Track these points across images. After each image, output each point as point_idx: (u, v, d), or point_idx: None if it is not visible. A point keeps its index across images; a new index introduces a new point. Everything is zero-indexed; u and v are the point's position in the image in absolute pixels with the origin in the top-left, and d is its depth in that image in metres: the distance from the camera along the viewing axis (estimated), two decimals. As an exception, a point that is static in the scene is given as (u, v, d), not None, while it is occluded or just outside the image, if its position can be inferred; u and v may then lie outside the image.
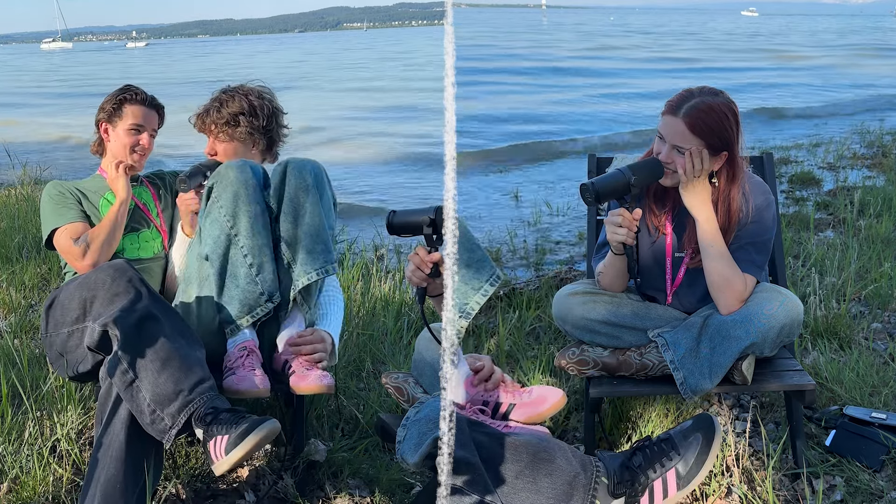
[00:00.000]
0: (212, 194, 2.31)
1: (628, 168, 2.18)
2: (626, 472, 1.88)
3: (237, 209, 2.26)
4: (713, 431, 1.91)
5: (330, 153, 10.97)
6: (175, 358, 1.96)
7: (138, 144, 2.67)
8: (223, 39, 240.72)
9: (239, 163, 2.32)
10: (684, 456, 1.89)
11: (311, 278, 2.29)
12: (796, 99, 15.97)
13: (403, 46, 50.67)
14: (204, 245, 2.30)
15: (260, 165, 2.40)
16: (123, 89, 2.71)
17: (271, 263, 2.28)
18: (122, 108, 2.66)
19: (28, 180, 7.09)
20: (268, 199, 2.33)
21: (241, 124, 2.60)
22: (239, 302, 2.25)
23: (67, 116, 17.23)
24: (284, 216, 2.31)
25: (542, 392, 2.08)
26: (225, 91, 2.68)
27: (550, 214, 6.54)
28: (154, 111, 2.71)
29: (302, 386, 2.13)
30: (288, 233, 2.30)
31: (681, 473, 1.88)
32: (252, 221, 2.26)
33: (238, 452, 1.84)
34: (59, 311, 2.18)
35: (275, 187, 2.33)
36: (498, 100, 16.63)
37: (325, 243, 2.32)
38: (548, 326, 3.45)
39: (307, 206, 2.30)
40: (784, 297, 2.20)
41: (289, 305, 2.32)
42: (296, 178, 2.31)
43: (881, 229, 4.65)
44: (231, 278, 2.26)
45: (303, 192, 2.30)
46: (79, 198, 2.63)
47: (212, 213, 2.29)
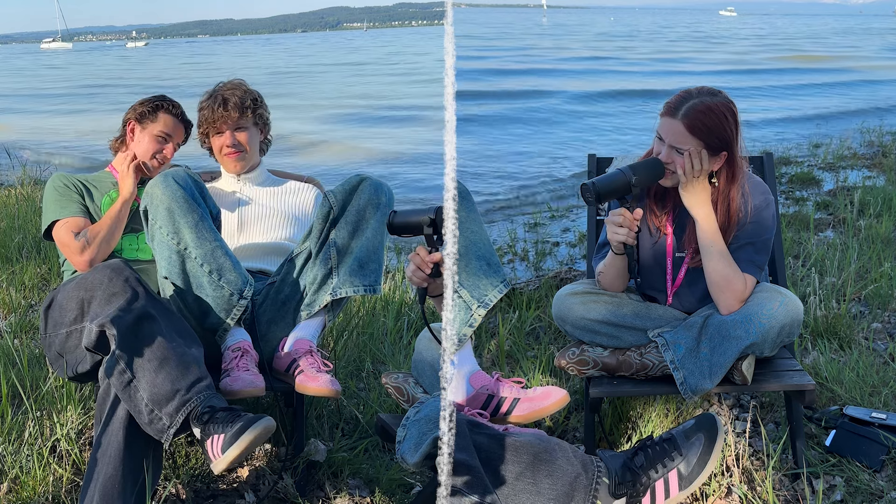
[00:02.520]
0: (148, 217, 2.28)
1: (629, 168, 2.18)
2: (628, 473, 1.87)
3: (177, 224, 2.23)
4: (716, 431, 1.90)
5: (329, 152, 10.98)
6: (172, 357, 1.96)
7: (161, 152, 2.72)
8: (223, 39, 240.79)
9: (160, 178, 2.27)
10: (686, 456, 1.88)
11: (357, 291, 2.28)
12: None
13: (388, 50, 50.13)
14: (161, 268, 2.27)
15: (182, 170, 2.35)
16: (162, 97, 2.79)
17: (229, 260, 2.25)
18: (156, 113, 2.72)
19: (28, 180, 7.09)
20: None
21: (253, 108, 2.73)
22: (214, 308, 2.23)
23: (67, 117, 17.23)
24: (345, 224, 2.29)
25: (545, 389, 2.08)
26: (215, 91, 2.74)
27: (550, 214, 6.54)
28: (183, 126, 2.79)
29: (310, 387, 2.11)
30: (343, 241, 2.29)
31: (683, 474, 1.87)
32: (196, 230, 2.23)
33: (234, 451, 1.84)
34: (58, 311, 2.18)
35: (343, 193, 2.30)
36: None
37: (378, 262, 2.32)
38: (548, 326, 3.45)
39: (372, 222, 2.30)
40: (784, 297, 2.20)
41: (313, 305, 2.31)
42: (370, 192, 2.30)
43: (881, 229, 4.65)
44: (198, 289, 2.24)
45: (372, 208, 2.30)
46: (82, 192, 2.65)
47: (155, 236, 2.26)
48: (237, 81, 2.79)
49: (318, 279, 2.30)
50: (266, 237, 2.72)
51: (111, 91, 24.65)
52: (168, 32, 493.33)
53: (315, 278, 2.31)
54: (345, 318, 3.42)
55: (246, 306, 2.26)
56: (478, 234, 2.18)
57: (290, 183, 2.89)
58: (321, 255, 2.31)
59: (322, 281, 2.30)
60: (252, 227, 2.73)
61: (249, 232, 2.73)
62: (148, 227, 2.29)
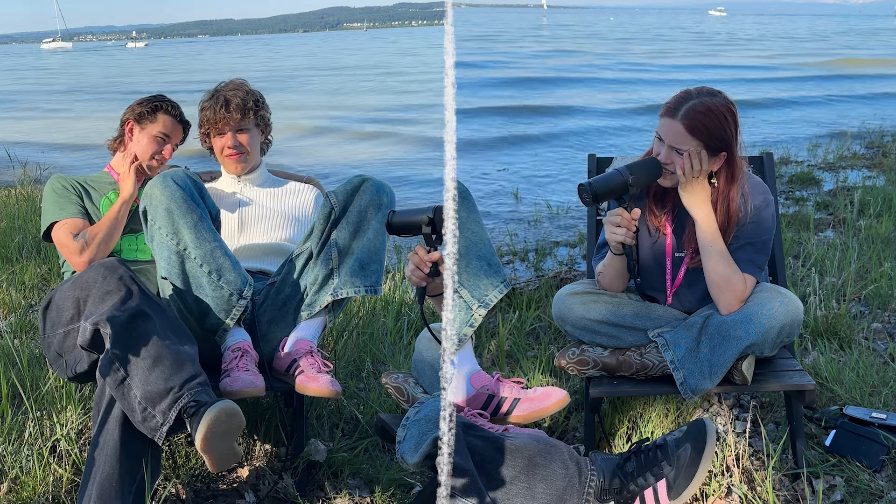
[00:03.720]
0: (147, 218, 2.28)
1: (626, 168, 2.17)
2: (617, 479, 1.87)
3: (176, 225, 2.22)
4: (704, 441, 1.87)
5: (326, 152, 10.97)
6: (166, 356, 1.95)
7: (160, 153, 2.72)
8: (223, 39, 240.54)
9: (159, 178, 2.27)
10: (675, 467, 1.86)
11: (358, 292, 2.28)
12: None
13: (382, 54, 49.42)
14: (160, 268, 2.27)
15: (181, 170, 2.35)
16: (160, 97, 2.78)
17: (229, 260, 2.25)
18: (155, 114, 2.72)
19: (28, 180, 7.09)
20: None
21: (255, 110, 2.73)
22: (214, 309, 2.23)
23: (67, 117, 17.23)
24: (346, 224, 2.29)
25: (545, 389, 2.09)
26: (217, 91, 2.74)
27: (550, 214, 6.54)
28: (181, 126, 2.78)
29: (311, 387, 2.10)
30: (344, 241, 2.29)
31: (671, 484, 1.85)
32: (195, 231, 2.22)
33: (200, 434, 1.82)
34: (55, 311, 2.19)
35: (345, 193, 2.30)
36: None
37: (379, 263, 2.32)
38: (548, 326, 3.45)
39: (374, 223, 2.30)
40: (784, 297, 2.20)
41: (314, 305, 2.31)
42: (372, 193, 2.30)
43: (881, 229, 4.65)
44: (198, 290, 2.24)
45: (374, 209, 2.29)
46: (81, 193, 2.65)
47: (155, 237, 2.26)
48: (238, 82, 2.78)
49: (319, 279, 2.30)
50: (266, 238, 2.72)
51: (112, 91, 24.64)
52: (168, 32, 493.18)
53: (316, 279, 2.31)
54: (345, 318, 3.42)
55: (245, 306, 2.26)
56: (478, 234, 2.17)
57: (290, 184, 2.89)
58: (322, 256, 2.31)
59: (323, 281, 2.30)
60: (252, 228, 2.73)
61: (249, 233, 2.73)
62: (147, 227, 2.29)
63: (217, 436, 1.85)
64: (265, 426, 2.54)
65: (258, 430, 2.54)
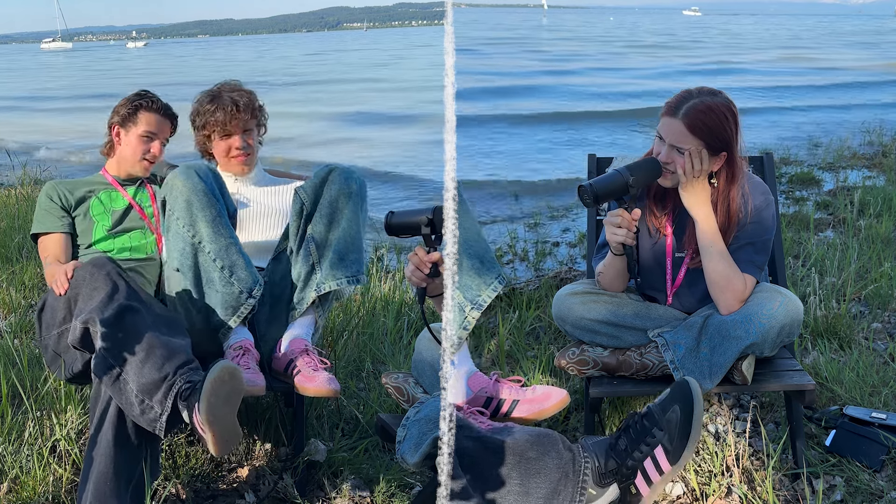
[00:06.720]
0: (166, 208, 2.27)
1: (626, 168, 2.17)
2: (612, 459, 1.83)
3: (194, 217, 2.22)
4: (690, 398, 1.80)
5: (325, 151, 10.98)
6: (158, 347, 1.95)
7: (149, 152, 2.71)
8: (223, 39, 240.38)
9: (182, 169, 2.27)
10: (667, 430, 1.80)
11: (340, 284, 2.27)
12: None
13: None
14: (172, 259, 2.27)
15: (205, 164, 2.36)
16: (140, 95, 2.74)
17: (242, 258, 2.25)
18: (136, 114, 2.69)
19: (28, 180, 7.10)
20: (224, 201, 2.30)
21: (261, 113, 2.76)
22: (221, 305, 2.23)
23: (67, 117, 17.22)
24: (319, 217, 2.28)
25: (546, 389, 2.08)
26: (219, 92, 2.73)
27: (550, 214, 6.54)
28: (168, 120, 2.75)
29: (309, 387, 2.10)
30: (320, 234, 2.28)
31: (668, 448, 1.80)
32: (212, 225, 2.22)
33: (203, 404, 1.79)
34: (49, 313, 2.19)
35: (314, 186, 2.29)
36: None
37: (358, 252, 2.30)
38: (548, 326, 3.45)
39: (346, 212, 2.28)
40: (784, 297, 2.20)
41: (302, 303, 2.31)
42: (340, 182, 2.28)
43: (881, 229, 4.65)
44: (208, 285, 2.23)
45: (344, 198, 2.28)
46: (70, 204, 2.66)
47: (171, 227, 2.26)
48: (235, 83, 2.78)
49: (303, 276, 2.30)
50: (264, 236, 2.72)
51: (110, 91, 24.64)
52: (168, 32, 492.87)
53: (300, 276, 2.31)
54: (345, 318, 3.42)
55: (253, 306, 2.26)
56: (470, 230, 2.13)
57: (287, 182, 2.89)
58: (302, 252, 2.30)
59: (306, 278, 2.30)
60: (250, 226, 2.73)
61: (248, 231, 2.73)
62: (164, 217, 2.29)
63: (220, 400, 1.81)
64: (265, 426, 2.54)
65: (258, 430, 2.54)
